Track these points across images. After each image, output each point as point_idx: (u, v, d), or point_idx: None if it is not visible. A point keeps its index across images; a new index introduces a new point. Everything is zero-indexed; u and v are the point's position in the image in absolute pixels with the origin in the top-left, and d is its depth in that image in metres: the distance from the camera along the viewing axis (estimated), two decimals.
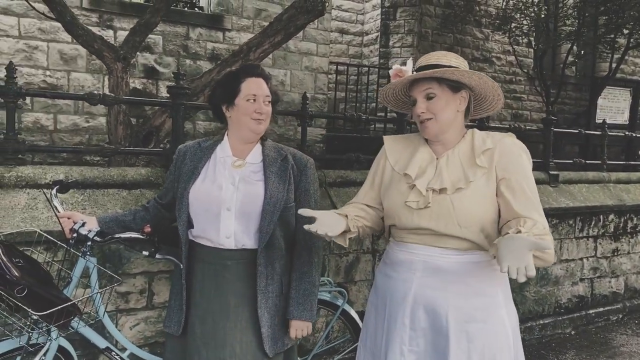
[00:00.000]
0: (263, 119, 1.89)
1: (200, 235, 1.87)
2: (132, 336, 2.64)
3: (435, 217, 1.67)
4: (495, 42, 10.95)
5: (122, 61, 3.56)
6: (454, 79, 1.69)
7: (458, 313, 1.66)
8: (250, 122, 1.88)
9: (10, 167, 2.46)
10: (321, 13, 3.71)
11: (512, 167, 1.66)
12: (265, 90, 1.90)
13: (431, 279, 1.69)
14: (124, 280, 2.61)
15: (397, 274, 1.76)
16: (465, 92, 1.74)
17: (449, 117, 1.72)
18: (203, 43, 5.84)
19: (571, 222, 4.28)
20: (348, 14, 10.66)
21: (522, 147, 1.74)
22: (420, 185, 1.71)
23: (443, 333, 1.66)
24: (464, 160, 1.71)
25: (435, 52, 1.79)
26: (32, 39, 5.12)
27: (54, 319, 1.68)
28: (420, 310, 1.70)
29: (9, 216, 2.33)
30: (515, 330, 1.72)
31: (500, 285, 1.72)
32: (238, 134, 1.94)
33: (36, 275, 1.75)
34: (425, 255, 1.71)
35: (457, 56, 1.78)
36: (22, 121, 5.11)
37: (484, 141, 1.73)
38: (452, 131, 1.75)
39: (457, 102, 1.73)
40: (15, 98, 2.42)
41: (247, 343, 1.85)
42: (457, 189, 1.67)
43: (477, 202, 1.65)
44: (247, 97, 1.87)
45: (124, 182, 2.70)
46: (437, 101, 1.70)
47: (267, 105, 1.91)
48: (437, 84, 1.70)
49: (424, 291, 1.69)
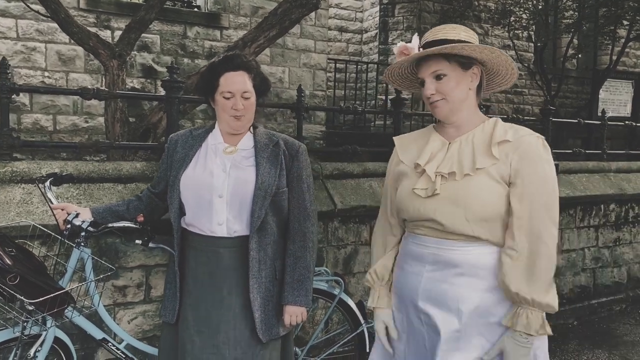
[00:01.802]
0: (241, 114, 1.85)
1: (192, 223, 1.87)
2: (130, 330, 2.64)
3: (443, 206, 1.56)
4: (495, 37, 10.92)
5: (118, 58, 3.58)
6: (465, 54, 1.55)
7: (470, 308, 1.56)
8: (229, 119, 1.86)
9: (5, 162, 2.47)
10: (315, 7, 3.71)
11: (528, 176, 1.52)
12: (245, 84, 1.84)
13: (441, 272, 1.59)
14: (120, 274, 2.62)
15: (410, 267, 1.67)
16: (477, 68, 1.60)
17: (460, 97, 1.59)
18: (200, 42, 5.86)
19: (572, 212, 4.26)
20: (347, 11, 10.66)
21: (545, 149, 1.58)
22: (430, 169, 1.60)
23: (454, 329, 1.56)
24: (478, 147, 1.59)
25: (443, 26, 1.64)
26: (30, 40, 5.14)
27: (47, 307, 1.68)
28: (430, 305, 1.60)
29: (4, 210, 2.34)
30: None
31: None
32: (221, 126, 1.94)
33: (30, 264, 1.76)
34: (435, 247, 1.61)
35: (466, 29, 1.64)
36: (21, 122, 5.14)
37: (505, 132, 1.58)
38: (466, 111, 1.62)
39: (469, 79, 1.60)
40: (8, 94, 2.43)
41: (241, 330, 1.85)
42: (466, 175, 1.56)
43: (485, 191, 1.54)
44: (223, 93, 1.83)
45: (120, 176, 2.70)
46: (448, 81, 1.58)
47: (247, 100, 1.85)
48: (446, 61, 1.57)
49: (434, 286, 1.60)
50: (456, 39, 1.57)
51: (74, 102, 5.24)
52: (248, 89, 1.85)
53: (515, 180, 1.53)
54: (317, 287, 2.47)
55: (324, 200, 3.14)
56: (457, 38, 1.58)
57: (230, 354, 1.83)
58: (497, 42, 10.93)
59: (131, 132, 3.84)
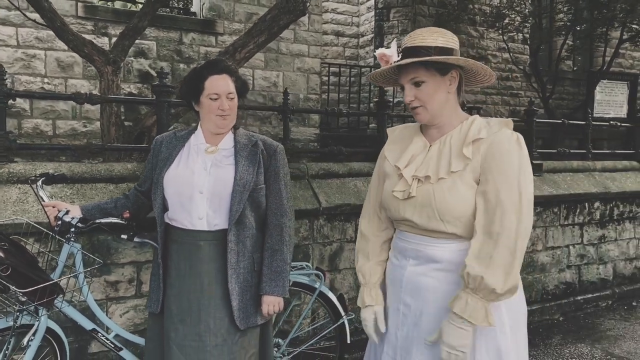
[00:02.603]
0: (227, 114, 1.99)
1: (174, 218, 2.00)
2: (122, 323, 2.76)
3: (419, 209, 1.62)
4: (490, 40, 11.04)
5: (112, 64, 3.71)
6: (442, 60, 1.58)
7: (447, 301, 1.59)
8: (216, 119, 1.99)
9: (2, 164, 2.60)
10: (302, 13, 3.83)
11: (496, 170, 1.55)
12: (229, 86, 1.98)
13: (422, 267, 1.66)
14: (112, 270, 2.74)
15: (397, 261, 1.75)
16: (455, 72, 1.63)
17: (440, 102, 1.63)
18: (196, 47, 6.00)
19: (555, 209, 4.37)
20: (343, 16, 10.81)
21: (517, 143, 1.59)
22: (407, 174, 1.66)
23: (433, 321, 1.62)
24: (454, 148, 1.62)
25: (421, 30, 1.66)
26: (30, 47, 5.30)
27: (38, 297, 1.81)
28: (411, 296, 1.68)
29: (1, 209, 2.47)
30: (515, 320, 1.64)
31: None
32: (207, 127, 2.06)
33: (22, 257, 1.88)
34: (416, 243, 1.68)
35: (444, 32, 1.65)
36: (22, 127, 5.29)
37: (479, 130, 1.61)
38: (447, 113, 1.66)
39: (447, 83, 1.63)
40: (5, 99, 2.56)
41: (221, 318, 1.96)
42: (440, 179, 1.60)
43: (458, 194, 1.57)
44: (209, 95, 1.96)
45: (111, 176, 2.83)
46: (425, 87, 1.62)
47: (231, 101, 1.99)
48: (424, 68, 1.60)
49: (415, 279, 1.67)
50: (433, 45, 1.59)
51: (73, 107, 5.39)
52: (232, 90, 2.00)
53: (484, 176, 1.56)
54: (299, 280, 2.59)
55: (309, 199, 3.26)
56: (433, 45, 1.59)
57: (210, 341, 1.95)
58: (492, 44, 11.05)
59: (126, 135, 3.97)
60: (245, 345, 2.02)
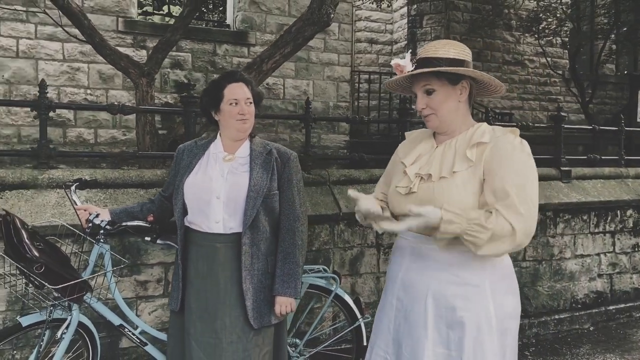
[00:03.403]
0: (247, 118, 2.13)
1: (193, 221, 2.13)
2: (150, 321, 2.93)
3: (419, 204, 1.65)
4: (528, 45, 10.87)
5: (147, 76, 3.93)
6: (451, 71, 1.67)
7: (438, 299, 1.67)
8: (236, 123, 2.13)
9: (44, 170, 2.82)
10: (327, 24, 3.95)
11: (498, 166, 1.61)
12: (247, 92, 2.14)
13: (416, 264, 1.74)
14: (142, 270, 2.92)
15: (395, 258, 1.86)
16: (466, 82, 1.71)
17: (449, 110, 1.71)
18: (229, 58, 6.21)
19: (585, 217, 4.29)
20: (377, 24, 10.90)
21: (520, 145, 1.65)
22: (410, 171, 1.75)
23: (422, 318, 1.69)
24: (459, 150, 1.69)
25: (435, 43, 1.76)
26: (75, 61, 5.63)
27: (68, 293, 1.97)
28: (404, 292, 1.76)
29: (41, 212, 2.68)
30: (505, 324, 1.67)
31: (489, 276, 1.67)
32: (227, 133, 2.19)
33: (55, 257, 2.06)
34: (413, 241, 1.76)
35: (456, 45, 1.75)
36: (66, 136, 5.62)
37: (482, 135, 1.68)
38: (457, 121, 1.74)
39: (458, 92, 1.71)
40: (46, 111, 2.78)
41: (236, 317, 2.08)
42: (442, 178, 1.67)
43: (458, 194, 1.63)
44: (229, 102, 2.11)
45: (142, 182, 3.01)
46: (436, 96, 1.70)
47: (249, 106, 2.14)
48: (435, 78, 1.69)
49: (409, 275, 1.76)
50: (444, 56, 1.69)
51: (113, 117, 5.68)
52: (250, 96, 2.14)
53: (487, 175, 1.62)
54: (316, 283, 2.68)
55: (330, 205, 3.35)
56: (445, 56, 1.69)
57: (226, 338, 2.06)
58: (529, 49, 10.87)
59: (160, 143, 4.18)
60: (260, 343, 2.12)
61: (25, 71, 5.47)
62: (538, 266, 4.11)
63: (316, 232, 3.31)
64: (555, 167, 4.38)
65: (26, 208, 2.67)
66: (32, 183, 2.75)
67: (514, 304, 1.72)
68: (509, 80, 10.82)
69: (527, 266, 4.07)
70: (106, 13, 5.71)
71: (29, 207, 2.68)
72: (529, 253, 4.07)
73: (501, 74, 10.69)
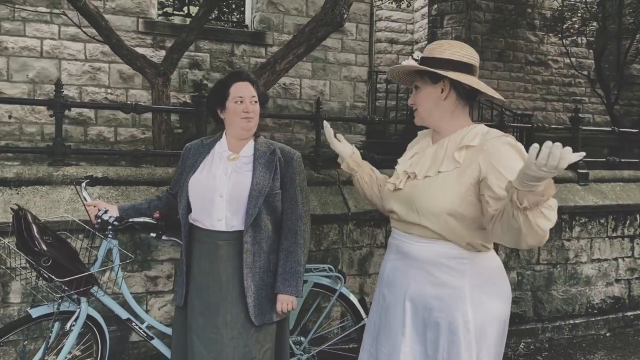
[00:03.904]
0: (251, 116, 2.16)
1: (197, 219, 2.17)
2: (160, 316, 2.99)
3: (401, 201, 1.74)
4: (552, 45, 10.68)
5: (162, 76, 4.00)
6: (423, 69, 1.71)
7: (416, 299, 1.70)
8: (241, 121, 2.16)
9: (58, 167, 2.91)
10: (340, 25, 3.96)
11: (492, 163, 1.59)
12: (252, 91, 2.17)
13: (400, 262, 1.78)
14: (152, 266, 2.97)
15: (385, 255, 1.92)
16: (446, 81, 1.71)
17: (428, 107, 1.75)
18: (247, 58, 6.27)
19: (602, 220, 4.20)
20: (397, 24, 10.86)
21: (511, 144, 1.63)
22: (400, 168, 1.82)
23: (401, 315, 1.73)
24: (448, 151, 1.71)
25: (436, 43, 1.79)
26: (96, 61, 5.77)
27: (74, 286, 2.03)
28: (387, 290, 1.81)
29: (55, 207, 2.76)
30: (485, 329, 1.66)
31: (469, 280, 1.66)
32: (232, 132, 2.22)
33: (63, 251, 2.12)
34: (398, 239, 1.81)
35: (451, 45, 1.75)
36: (87, 134, 5.75)
37: (473, 137, 1.68)
38: (439, 119, 1.76)
39: (439, 91, 1.73)
40: (61, 109, 2.86)
41: (237, 313, 2.10)
42: (426, 177, 1.70)
43: (441, 193, 1.64)
44: (235, 100, 2.15)
45: (153, 180, 3.07)
46: (418, 93, 1.78)
47: (254, 105, 2.18)
48: (419, 76, 1.77)
49: (393, 273, 1.81)
50: (438, 56, 1.72)
51: (132, 116, 5.80)
52: (255, 94, 2.18)
53: (484, 175, 1.59)
54: (320, 282, 2.69)
55: (339, 204, 3.36)
56: (439, 55, 1.71)
57: (227, 333, 2.09)
58: (553, 49, 10.68)
59: (175, 142, 4.25)
60: (261, 340, 2.15)
61: (49, 71, 5.62)
62: (552, 270, 4.05)
63: (325, 232, 3.32)
64: (572, 169, 4.30)
65: (41, 203, 2.76)
66: (47, 179, 2.84)
67: (499, 308, 1.70)
68: (532, 80, 10.64)
69: (541, 269, 4.01)
70: (127, 14, 5.83)
71: (43, 202, 2.77)
72: (542, 256, 4.01)
73: (524, 75, 10.53)
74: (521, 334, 3.92)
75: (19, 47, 5.52)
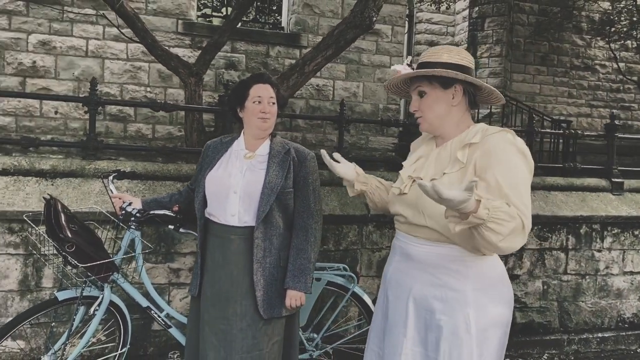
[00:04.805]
0: (268, 117, 2.23)
1: (212, 213, 2.25)
2: (181, 307, 3.11)
3: (408, 205, 1.74)
4: (599, 49, 10.32)
5: (195, 76, 4.13)
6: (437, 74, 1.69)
7: (418, 301, 1.71)
8: (257, 121, 2.23)
9: (91, 161, 3.07)
10: (369, 27, 3.98)
11: (490, 164, 1.59)
12: (270, 93, 2.25)
13: (403, 264, 1.79)
14: (175, 258, 3.09)
15: (389, 257, 1.93)
16: (459, 86, 1.72)
17: (438, 113, 1.73)
18: (281, 60, 6.38)
19: (637, 232, 4.06)
20: (438, 26, 10.74)
21: (512, 142, 1.62)
22: (404, 173, 1.82)
23: (403, 317, 1.74)
24: (452, 153, 1.71)
25: (433, 48, 1.78)
26: (137, 60, 6.00)
27: (96, 272, 2.15)
28: (391, 291, 1.82)
29: (86, 199, 2.92)
30: (487, 332, 1.66)
31: (472, 283, 1.67)
32: (249, 131, 2.30)
33: (87, 239, 2.25)
34: (402, 242, 1.82)
35: (450, 49, 1.76)
36: (127, 130, 6.00)
37: (474, 135, 1.68)
38: (448, 125, 1.75)
39: (450, 97, 1.72)
40: (95, 106, 3.02)
41: (246, 306, 2.17)
42: (432, 180, 1.68)
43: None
44: (253, 100, 2.23)
45: (179, 175, 3.20)
46: (427, 98, 1.74)
47: (272, 106, 2.25)
48: (427, 81, 1.72)
49: (396, 275, 1.82)
50: (438, 61, 1.71)
51: (170, 114, 6.00)
52: (273, 96, 2.25)
53: (479, 174, 1.60)
54: (334, 280, 2.74)
55: (359, 206, 3.40)
56: (439, 60, 1.71)
57: (237, 325, 2.16)
58: (600, 53, 10.32)
59: (206, 140, 4.38)
60: (269, 333, 2.21)
61: (93, 69, 5.90)
62: (581, 280, 3.94)
63: (344, 232, 3.36)
64: (605, 178, 4.17)
65: (73, 195, 2.92)
66: (80, 172, 3.00)
67: (501, 313, 1.69)
68: (577, 86, 10.31)
69: (569, 280, 3.91)
70: (167, 15, 6.04)
71: (75, 194, 2.93)
72: (570, 266, 3.91)
73: (569, 79, 10.21)
74: (545, 345, 3.83)
75: (67, 47, 5.81)
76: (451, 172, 1.67)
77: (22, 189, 2.89)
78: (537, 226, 3.84)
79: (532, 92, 9.92)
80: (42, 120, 5.78)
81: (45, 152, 5.37)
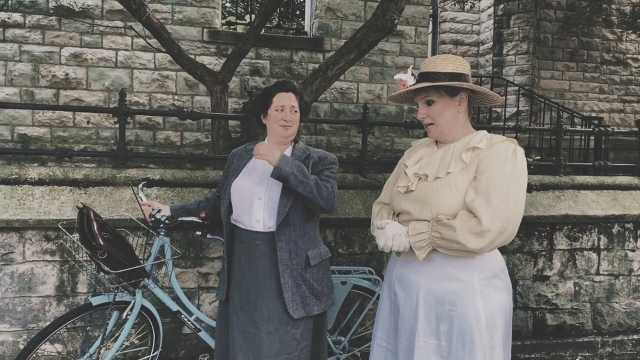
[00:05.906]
0: (289, 125, 2.27)
1: (238, 219, 2.30)
2: (210, 310, 3.17)
3: (415, 202, 1.83)
4: (631, 42, 10.05)
5: (220, 84, 4.21)
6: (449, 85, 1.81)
7: (428, 295, 1.80)
8: (279, 128, 2.28)
9: (121, 169, 3.16)
10: (391, 30, 3.99)
11: (488, 169, 1.72)
12: (293, 101, 2.29)
13: (410, 260, 1.87)
14: (204, 263, 3.16)
15: (395, 256, 1.98)
16: (464, 93, 1.85)
17: (448, 120, 1.86)
18: (305, 64, 6.43)
19: None
20: (462, 25, 10.63)
21: (514, 153, 1.75)
22: (410, 171, 1.90)
23: (414, 311, 1.82)
24: (455, 153, 1.82)
25: (434, 58, 1.89)
26: (164, 69, 6.15)
27: (127, 278, 2.22)
28: (398, 287, 1.90)
29: (117, 206, 3.02)
30: (494, 319, 1.77)
31: (478, 273, 1.78)
32: (272, 137, 2.34)
33: (118, 246, 2.33)
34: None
35: (454, 59, 1.86)
36: (156, 138, 6.14)
37: (480, 140, 1.81)
38: (456, 129, 1.88)
39: (456, 103, 1.85)
40: (124, 116, 3.12)
41: (274, 309, 2.21)
42: (437, 178, 1.81)
43: (451, 192, 1.76)
44: (276, 108, 2.27)
45: (207, 182, 3.27)
46: (435, 107, 1.85)
47: (294, 114, 2.29)
48: (434, 90, 1.84)
49: (403, 271, 1.90)
50: (443, 71, 1.82)
51: (197, 121, 6.12)
52: (295, 104, 2.29)
53: (476, 175, 1.75)
54: (359, 284, 2.76)
55: None
56: (443, 70, 1.82)
57: (264, 328, 2.20)
58: (632, 47, 10.04)
59: (233, 146, 4.45)
60: (297, 337, 2.24)
61: (122, 79, 6.07)
62: (614, 281, 3.85)
63: (369, 235, 3.37)
64: (638, 175, 4.07)
65: (105, 203, 3.02)
66: (111, 181, 3.10)
67: (504, 299, 1.82)
68: (609, 81, 10.06)
69: (601, 280, 3.83)
70: (193, 24, 6.17)
71: (107, 202, 3.03)
72: (603, 267, 3.83)
73: (599, 75, 9.97)
74: (578, 347, 3.76)
75: (97, 58, 5.99)
76: (455, 171, 1.78)
77: (57, 198, 3.00)
78: (567, 226, 3.77)
79: (561, 88, 9.73)
80: (75, 130, 5.97)
81: (78, 161, 5.55)
